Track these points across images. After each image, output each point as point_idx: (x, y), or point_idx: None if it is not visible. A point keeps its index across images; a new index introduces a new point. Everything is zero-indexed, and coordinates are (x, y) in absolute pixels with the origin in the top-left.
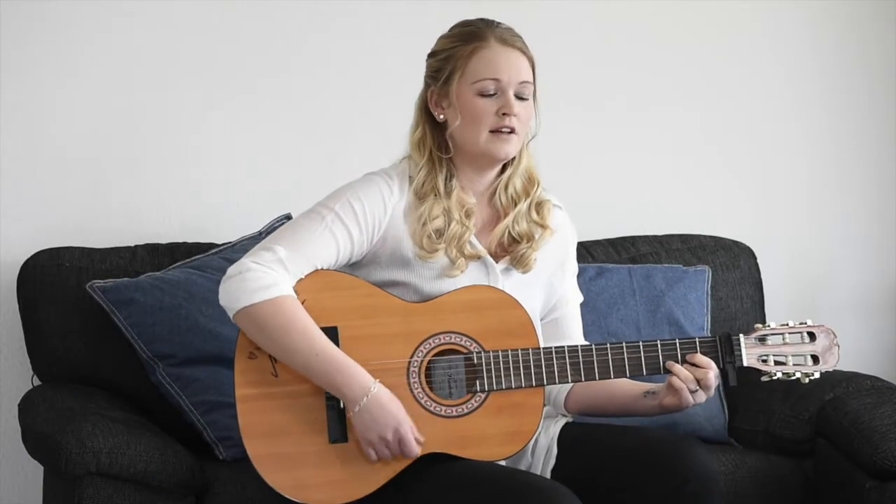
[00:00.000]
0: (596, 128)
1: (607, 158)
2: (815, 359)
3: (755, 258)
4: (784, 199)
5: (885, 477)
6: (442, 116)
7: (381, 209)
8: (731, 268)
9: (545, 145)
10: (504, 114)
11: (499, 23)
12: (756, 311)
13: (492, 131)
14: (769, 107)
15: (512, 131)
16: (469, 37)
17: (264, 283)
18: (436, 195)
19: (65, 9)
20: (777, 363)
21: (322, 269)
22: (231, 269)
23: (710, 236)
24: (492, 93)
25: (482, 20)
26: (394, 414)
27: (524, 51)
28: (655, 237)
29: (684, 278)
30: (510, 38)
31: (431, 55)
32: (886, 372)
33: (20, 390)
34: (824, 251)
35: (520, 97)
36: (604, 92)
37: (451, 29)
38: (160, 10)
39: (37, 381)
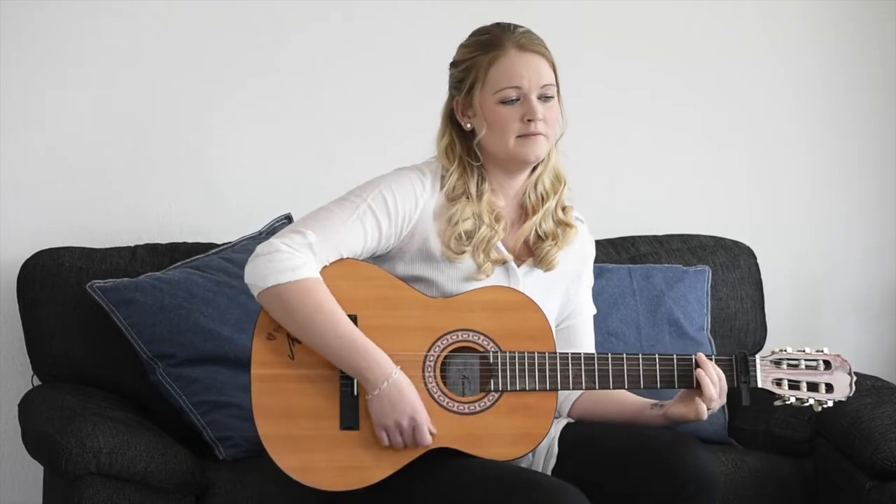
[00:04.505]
0: (596, 128)
1: (608, 158)
2: (829, 387)
3: (755, 258)
4: (784, 199)
5: (885, 477)
6: (469, 125)
7: (412, 204)
8: (731, 268)
9: None
10: (529, 120)
11: (516, 26)
12: (756, 312)
13: (518, 136)
14: (769, 107)
15: (539, 135)
16: (487, 45)
17: (292, 265)
18: (467, 198)
19: (65, 8)
20: (791, 387)
21: (347, 257)
22: (260, 248)
23: (710, 236)
24: (514, 99)
25: (498, 26)
26: (411, 401)
27: (543, 53)
28: (655, 237)
29: (684, 278)
30: (528, 43)
31: (453, 65)
32: (886, 372)
33: (20, 390)
34: (824, 251)
35: (543, 98)
36: (603, 92)
37: (469, 37)
38: (160, 9)
39: (37, 381)
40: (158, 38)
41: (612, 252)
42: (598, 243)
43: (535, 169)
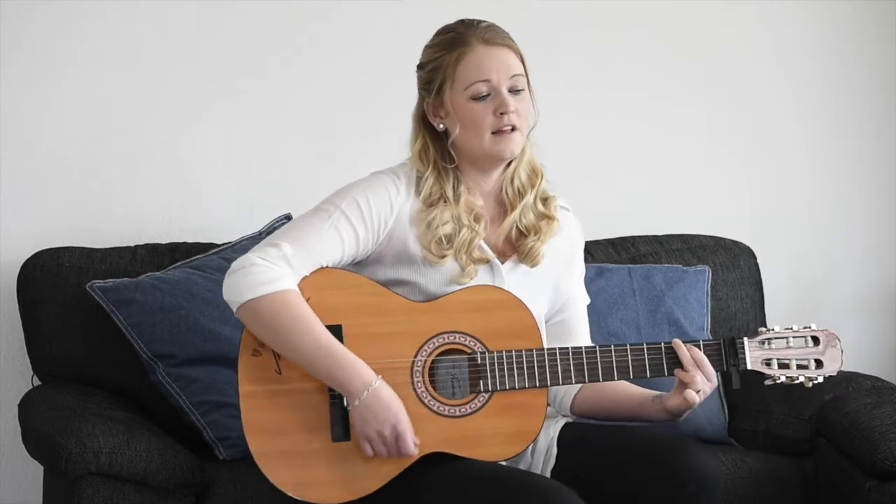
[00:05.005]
0: (595, 127)
1: (608, 158)
2: (819, 363)
3: (755, 258)
4: (784, 199)
5: (885, 477)
6: (442, 126)
7: (387, 208)
8: (731, 268)
9: (545, 145)
10: (502, 113)
11: (479, 21)
12: (756, 312)
13: (493, 133)
14: (770, 107)
15: (513, 128)
16: (452, 43)
17: (268, 278)
18: (445, 202)
19: (65, 8)
20: (781, 367)
21: (327, 266)
22: (235, 264)
23: (710, 236)
24: (485, 94)
25: (462, 23)
26: (393, 411)
27: (509, 45)
28: (655, 237)
29: (684, 278)
30: (492, 37)
31: (420, 67)
32: (886, 372)
33: (20, 390)
34: (824, 251)
35: (514, 91)
36: (603, 91)
37: (433, 37)
38: (161, 9)
39: (37, 381)
40: (158, 38)
41: (612, 252)
42: (598, 243)
43: (510, 163)
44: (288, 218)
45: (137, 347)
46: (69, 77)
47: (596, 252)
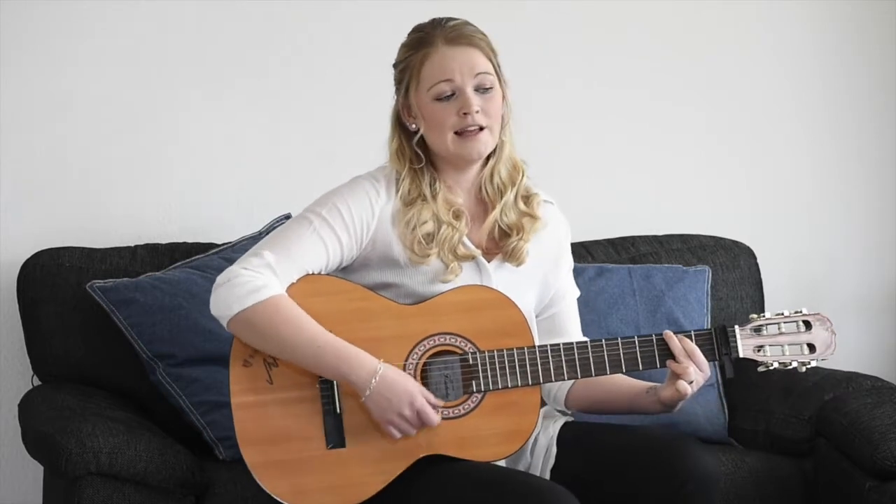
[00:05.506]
0: (595, 127)
1: (608, 158)
2: (812, 347)
3: (755, 258)
4: (784, 199)
5: (885, 477)
6: (414, 126)
7: (368, 213)
8: (731, 268)
9: (545, 145)
10: (465, 113)
11: (448, 20)
12: (756, 312)
13: (457, 133)
14: (770, 107)
15: (480, 129)
16: (418, 43)
17: (254, 287)
18: (423, 200)
19: (65, 8)
20: (773, 353)
21: (312, 273)
22: (220, 278)
23: (710, 236)
24: (449, 94)
25: (432, 22)
26: (406, 389)
27: (475, 44)
28: (655, 237)
29: (684, 278)
30: (457, 36)
31: (394, 66)
32: (886, 372)
33: (20, 390)
34: (824, 251)
35: (480, 90)
36: (603, 91)
37: (407, 36)
38: (160, 10)
39: (37, 381)
40: (158, 37)
41: (612, 252)
42: (598, 243)
43: (488, 160)
44: (287, 218)
45: (137, 347)
46: (69, 77)
47: (596, 252)
